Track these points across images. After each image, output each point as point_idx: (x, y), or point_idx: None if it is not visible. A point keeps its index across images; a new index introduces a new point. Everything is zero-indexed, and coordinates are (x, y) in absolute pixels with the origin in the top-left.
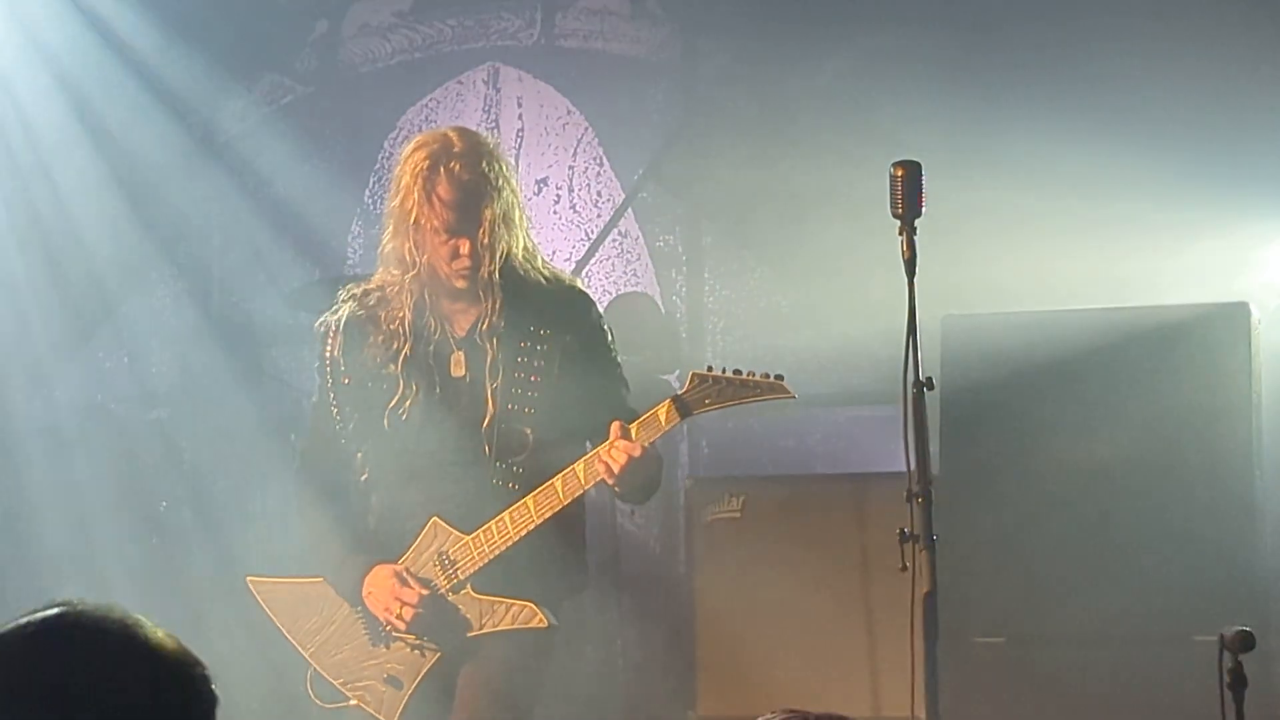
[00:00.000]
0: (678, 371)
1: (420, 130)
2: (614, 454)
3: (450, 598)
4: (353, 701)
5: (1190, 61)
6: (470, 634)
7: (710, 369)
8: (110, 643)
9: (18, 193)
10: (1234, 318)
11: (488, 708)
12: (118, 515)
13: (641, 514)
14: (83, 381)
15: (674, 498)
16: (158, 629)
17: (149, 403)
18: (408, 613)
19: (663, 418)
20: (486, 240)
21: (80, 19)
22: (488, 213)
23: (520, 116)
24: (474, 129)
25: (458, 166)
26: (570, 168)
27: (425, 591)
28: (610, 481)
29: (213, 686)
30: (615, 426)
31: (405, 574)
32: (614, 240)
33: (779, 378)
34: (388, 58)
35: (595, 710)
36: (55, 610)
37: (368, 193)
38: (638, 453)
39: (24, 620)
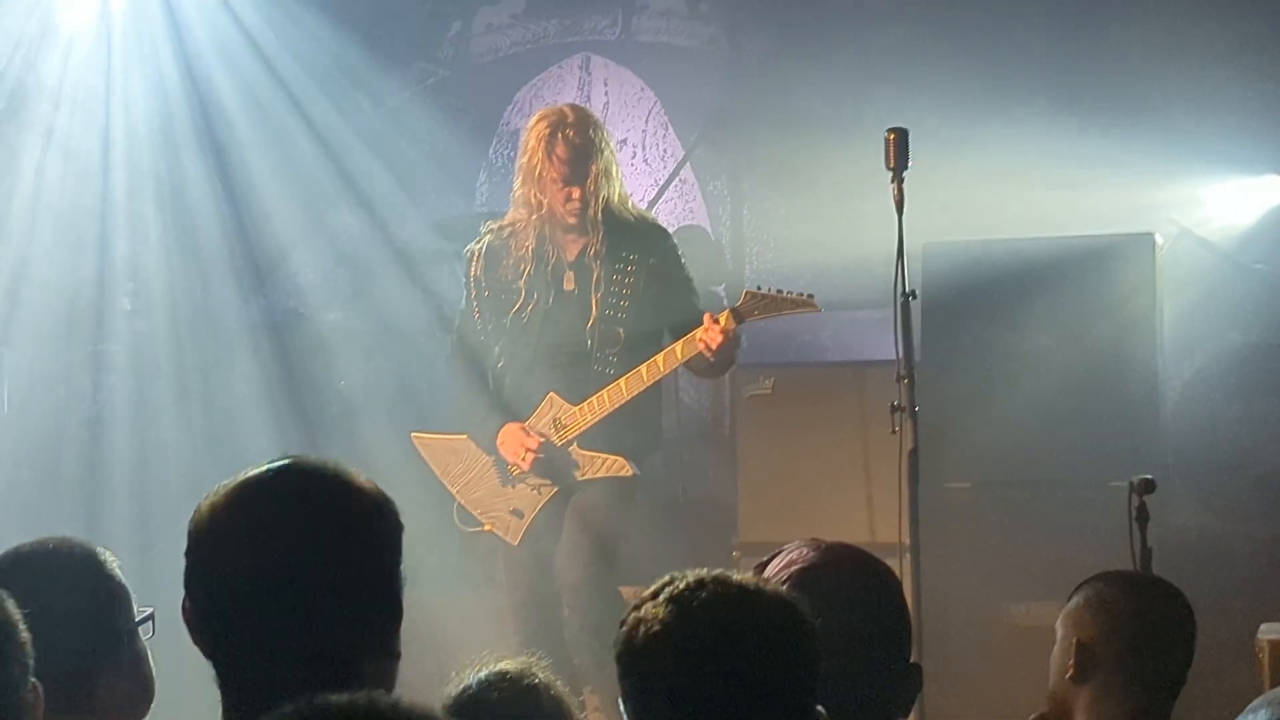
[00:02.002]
0: (724, 284)
1: (531, 105)
2: (711, 335)
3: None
4: (486, 527)
5: (1111, 46)
6: (575, 479)
7: (760, 287)
8: (327, 484)
9: (237, 147)
10: (1143, 243)
11: (587, 534)
12: (308, 390)
13: (698, 393)
14: (281, 292)
15: (722, 379)
16: (360, 473)
17: (329, 307)
18: (531, 456)
19: (723, 323)
20: (592, 188)
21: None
22: (593, 168)
23: (606, 93)
24: (580, 105)
25: (571, 133)
26: (643, 131)
27: (544, 439)
28: (709, 357)
29: (400, 517)
30: (708, 317)
31: (529, 428)
32: (676, 186)
33: (810, 296)
34: (506, 49)
35: (664, 537)
36: (285, 461)
37: (491, 150)
38: (731, 336)
39: (264, 468)
